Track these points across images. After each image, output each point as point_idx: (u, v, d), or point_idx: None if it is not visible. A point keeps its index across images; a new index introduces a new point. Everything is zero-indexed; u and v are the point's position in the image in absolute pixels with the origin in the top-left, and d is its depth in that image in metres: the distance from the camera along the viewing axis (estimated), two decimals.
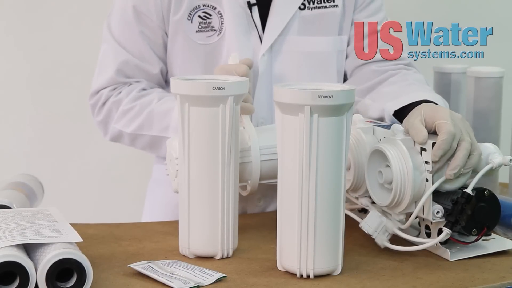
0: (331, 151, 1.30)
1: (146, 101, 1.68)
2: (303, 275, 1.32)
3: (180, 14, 1.68)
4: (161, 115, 1.65)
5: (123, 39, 1.71)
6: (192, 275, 1.32)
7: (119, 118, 1.71)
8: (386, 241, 1.44)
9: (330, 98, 1.28)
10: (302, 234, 1.31)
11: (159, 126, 1.66)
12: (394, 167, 1.39)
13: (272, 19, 1.70)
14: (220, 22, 1.69)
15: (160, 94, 1.70)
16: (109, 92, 1.72)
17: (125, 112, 1.70)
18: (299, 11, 1.71)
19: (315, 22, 1.72)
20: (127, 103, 1.69)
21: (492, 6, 2.52)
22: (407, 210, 1.41)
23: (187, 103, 1.38)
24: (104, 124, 1.74)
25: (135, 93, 1.70)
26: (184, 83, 1.38)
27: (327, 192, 1.31)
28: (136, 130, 1.68)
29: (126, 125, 1.70)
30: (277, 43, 1.71)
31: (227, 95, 1.37)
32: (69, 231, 1.32)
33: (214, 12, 1.69)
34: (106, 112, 1.72)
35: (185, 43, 1.69)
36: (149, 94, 1.70)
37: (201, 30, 1.69)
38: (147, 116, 1.67)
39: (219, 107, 1.37)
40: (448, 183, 1.38)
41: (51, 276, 1.22)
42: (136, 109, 1.68)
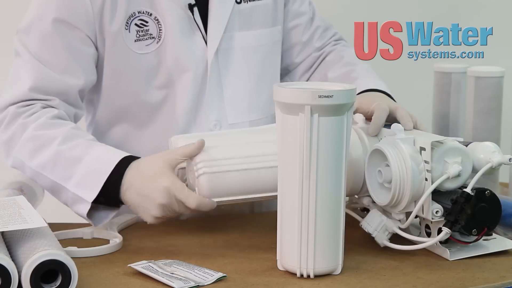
0: (332, 151, 1.30)
1: (55, 134, 1.53)
2: (303, 275, 1.32)
3: (117, 23, 1.59)
4: (67, 162, 1.51)
5: (42, 53, 1.58)
6: (192, 275, 1.32)
7: (22, 146, 1.55)
8: (386, 240, 1.44)
9: (330, 97, 1.28)
10: (303, 234, 1.31)
11: (62, 173, 1.51)
12: (393, 166, 1.39)
13: (213, 17, 1.65)
14: (158, 29, 1.61)
15: (71, 131, 1.54)
16: (17, 108, 1.57)
17: (28, 139, 1.54)
18: (236, 5, 1.69)
19: (253, 16, 1.71)
20: (33, 129, 1.54)
21: (492, 6, 2.52)
22: (407, 209, 1.41)
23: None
24: (7, 147, 1.58)
25: (44, 119, 1.55)
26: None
27: (327, 191, 1.31)
28: (38, 167, 1.53)
29: (28, 156, 1.54)
30: (223, 42, 1.67)
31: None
32: (34, 217, 1.32)
33: (150, 18, 1.61)
34: (10, 134, 1.57)
35: (124, 54, 1.61)
36: (61, 126, 1.55)
37: (139, 39, 1.61)
38: (52, 156, 1.52)
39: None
40: (448, 182, 1.38)
41: (36, 278, 1.21)
42: (41, 140, 1.53)
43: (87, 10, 1.58)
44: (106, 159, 1.49)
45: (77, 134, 1.55)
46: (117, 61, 1.62)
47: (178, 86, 1.64)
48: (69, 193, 1.51)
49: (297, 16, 1.79)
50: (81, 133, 1.57)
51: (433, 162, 1.38)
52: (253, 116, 1.72)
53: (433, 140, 1.38)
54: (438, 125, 1.97)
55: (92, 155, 1.50)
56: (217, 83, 1.67)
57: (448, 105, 1.96)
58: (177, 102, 1.65)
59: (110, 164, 1.48)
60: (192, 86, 1.64)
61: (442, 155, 1.38)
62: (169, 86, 1.64)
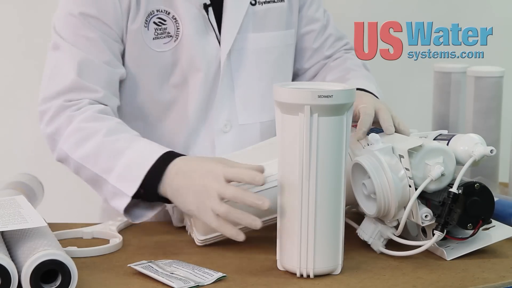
0: (331, 150, 1.30)
1: (100, 127, 1.54)
2: (303, 275, 1.32)
3: (137, 22, 1.61)
4: (110, 154, 1.50)
5: (81, 43, 1.59)
6: (192, 274, 1.32)
7: (66, 138, 1.55)
8: (382, 246, 1.43)
9: (330, 97, 1.28)
10: (302, 234, 1.31)
11: (104, 165, 1.51)
12: (374, 179, 1.38)
13: (227, 18, 1.66)
14: (176, 28, 1.62)
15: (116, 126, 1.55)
16: (64, 102, 1.57)
17: (74, 131, 1.54)
18: (251, 7, 1.69)
19: (267, 18, 1.71)
20: (79, 121, 1.55)
21: (492, 6, 2.52)
22: (397, 217, 1.40)
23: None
24: (52, 140, 1.58)
25: (91, 112, 1.56)
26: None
27: (327, 191, 1.31)
28: (82, 159, 1.53)
29: (72, 148, 1.54)
30: (236, 42, 1.67)
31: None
32: (33, 217, 1.32)
33: (168, 17, 1.62)
34: (56, 127, 1.57)
35: (143, 52, 1.62)
36: (107, 120, 1.56)
37: (157, 37, 1.62)
38: (95, 148, 1.52)
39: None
40: (433, 184, 1.37)
41: (36, 278, 1.21)
42: (86, 132, 1.54)
43: (116, 8, 1.59)
44: (148, 152, 1.48)
45: (122, 129, 1.55)
46: (135, 58, 1.64)
47: (191, 85, 1.65)
48: (109, 186, 1.50)
49: (311, 22, 1.80)
50: (126, 128, 1.57)
51: (413, 168, 1.37)
52: (264, 117, 1.72)
53: (409, 147, 1.37)
54: (438, 125, 1.97)
55: (135, 148, 1.49)
56: (229, 84, 1.68)
57: (448, 105, 1.96)
58: (189, 102, 1.66)
59: (152, 158, 1.46)
60: (203, 86, 1.65)
61: (422, 158, 1.37)
62: (182, 85, 1.65)
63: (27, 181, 1.68)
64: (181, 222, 1.59)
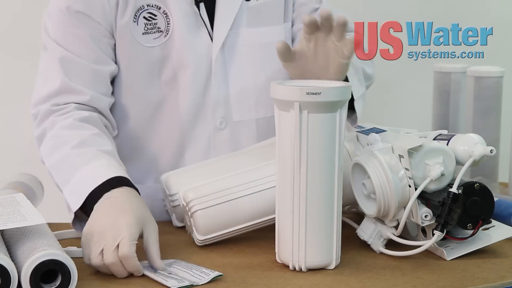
0: (323, 147, 1.31)
1: (73, 136, 1.53)
2: (295, 268, 1.33)
3: (126, 17, 1.60)
4: (70, 167, 1.50)
5: (68, 42, 1.59)
6: (190, 274, 1.32)
7: (45, 143, 1.56)
8: (382, 246, 1.43)
9: (318, 95, 1.28)
10: (294, 228, 1.33)
11: (63, 177, 1.50)
12: (374, 179, 1.38)
13: (219, 14, 1.65)
14: (166, 23, 1.61)
15: (90, 137, 1.54)
16: (51, 106, 1.57)
17: (51, 137, 1.55)
18: (245, 3, 1.68)
19: (262, 13, 1.69)
20: (59, 127, 1.55)
21: (492, 6, 2.52)
22: (397, 217, 1.40)
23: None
24: (38, 142, 1.59)
25: (71, 120, 1.55)
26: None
27: (318, 187, 1.32)
28: (50, 167, 1.54)
29: (47, 154, 1.55)
30: (229, 38, 1.66)
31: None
32: (33, 214, 1.31)
33: (159, 12, 1.61)
34: (42, 130, 1.58)
35: (132, 47, 1.62)
36: (84, 129, 1.55)
37: (147, 32, 1.61)
38: (61, 158, 1.52)
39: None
40: (433, 184, 1.37)
41: (35, 278, 1.22)
42: (59, 140, 1.54)
43: (103, 3, 1.59)
44: (101, 173, 1.46)
45: (94, 141, 1.53)
46: (124, 54, 1.63)
47: (181, 81, 1.64)
48: (64, 197, 1.50)
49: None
50: (99, 141, 1.54)
51: (413, 168, 1.37)
52: (260, 114, 1.71)
53: (409, 147, 1.37)
54: (438, 125, 1.97)
55: (92, 165, 1.48)
56: (222, 80, 1.67)
57: (448, 105, 1.96)
58: (180, 98, 1.65)
59: (100, 179, 1.44)
60: (193, 83, 1.64)
61: (422, 158, 1.37)
62: (173, 81, 1.64)
63: (27, 181, 1.68)
64: (181, 222, 1.59)
